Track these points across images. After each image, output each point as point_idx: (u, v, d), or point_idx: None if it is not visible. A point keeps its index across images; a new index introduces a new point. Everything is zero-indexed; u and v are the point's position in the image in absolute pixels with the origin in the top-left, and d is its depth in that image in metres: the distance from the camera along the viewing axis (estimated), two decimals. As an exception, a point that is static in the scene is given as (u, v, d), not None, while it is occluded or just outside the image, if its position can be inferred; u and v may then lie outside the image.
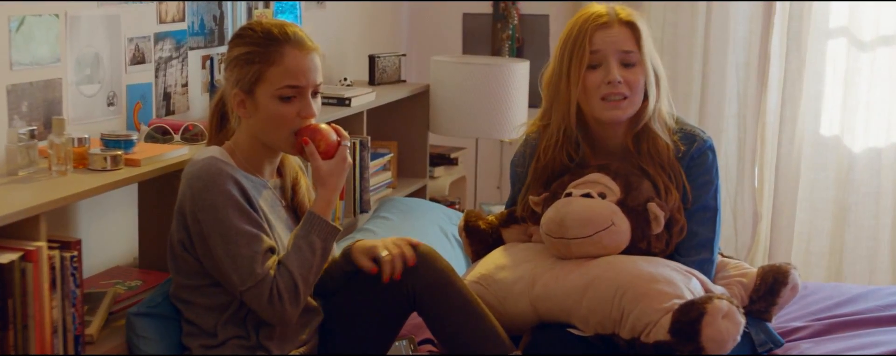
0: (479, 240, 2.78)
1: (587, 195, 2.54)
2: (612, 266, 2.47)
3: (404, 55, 4.35)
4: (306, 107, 2.40)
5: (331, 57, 4.12)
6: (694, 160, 2.64)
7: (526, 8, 4.66)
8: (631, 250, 2.54)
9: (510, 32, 4.67)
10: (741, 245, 4.44)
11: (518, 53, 4.67)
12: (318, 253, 2.37)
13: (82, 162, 2.51)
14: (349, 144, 2.47)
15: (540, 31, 4.64)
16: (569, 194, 2.57)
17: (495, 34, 4.70)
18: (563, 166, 2.67)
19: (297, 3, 3.49)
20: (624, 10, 2.62)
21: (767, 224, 4.43)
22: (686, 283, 2.46)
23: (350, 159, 2.46)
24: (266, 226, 2.38)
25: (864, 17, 4.22)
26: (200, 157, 2.40)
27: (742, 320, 2.39)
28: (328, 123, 2.47)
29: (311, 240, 2.36)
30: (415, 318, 2.61)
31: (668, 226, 2.57)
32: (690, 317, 2.33)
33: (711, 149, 2.68)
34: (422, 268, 2.44)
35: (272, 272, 2.32)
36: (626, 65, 2.59)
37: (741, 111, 4.39)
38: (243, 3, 3.46)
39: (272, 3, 3.59)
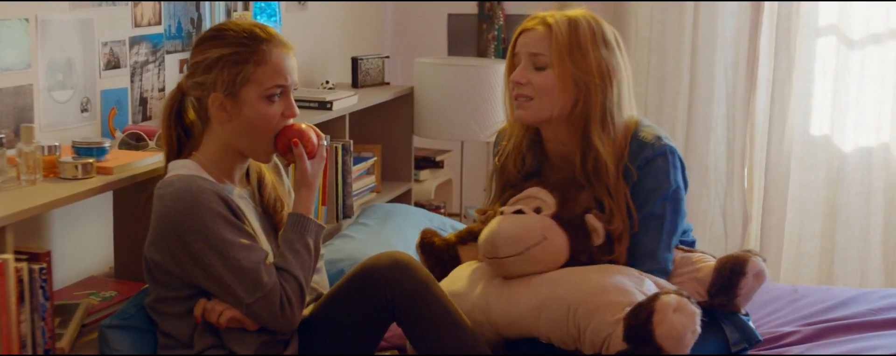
0: (434, 256, 2.71)
1: (519, 212, 2.47)
2: (560, 283, 2.40)
3: (388, 57, 4.29)
4: (290, 106, 2.39)
5: (312, 59, 4.06)
6: (641, 169, 2.55)
7: (512, 8, 4.61)
8: (572, 264, 2.46)
9: (496, 33, 4.62)
10: (731, 246, 4.39)
11: (504, 54, 4.61)
12: (313, 253, 2.39)
13: (53, 170, 2.45)
14: (327, 143, 2.48)
15: (526, 32, 4.58)
16: (502, 212, 2.50)
17: (481, 35, 4.65)
18: (514, 177, 2.65)
19: (277, 3, 3.43)
20: (559, 14, 2.55)
21: (757, 225, 4.39)
22: (639, 287, 2.39)
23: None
24: (254, 234, 2.35)
25: (854, 14, 4.18)
26: (172, 173, 2.34)
27: (696, 310, 2.30)
28: (304, 123, 2.46)
29: (307, 241, 2.38)
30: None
31: (608, 246, 2.49)
32: (640, 319, 2.27)
33: (663, 154, 2.56)
34: (400, 278, 2.39)
35: (277, 280, 2.30)
36: (538, 68, 2.55)
37: (730, 111, 4.35)
38: (222, 4, 3.40)
39: (251, 5, 3.53)
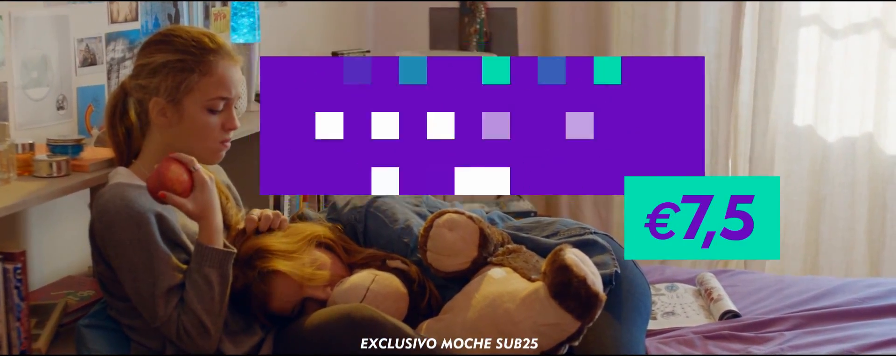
0: None
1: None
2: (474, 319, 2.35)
3: (369, 52, 4.27)
4: (231, 119, 2.38)
5: (292, 54, 4.03)
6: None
7: (493, 2, 4.59)
8: (415, 299, 2.45)
9: (478, 27, 4.60)
10: (716, 238, 4.38)
11: (486, 48, 4.59)
12: (216, 283, 2.29)
13: (27, 169, 2.42)
14: (199, 167, 2.31)
15: (508, 25, 4.56)
16: None
17: (463, 29, 4.62)
18: None
19: (256, 0, 3.40)
20: None
21: (742, 217, 4.38)
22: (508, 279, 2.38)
23: (209, 174, 2.32)
24: (182, 246, 2.31)
25: (836, 4, 4.18)
26: (108, 184, 2.34)
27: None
28: (169, 157, 2.30)
29: (205, 273, 2.28)
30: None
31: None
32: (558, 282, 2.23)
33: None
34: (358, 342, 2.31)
35: (174, 312, 2.26)
36: None
37: (714, 103, 4.34)
38: (200, 1, 3.37)
39: (229, 2, 3.50)
